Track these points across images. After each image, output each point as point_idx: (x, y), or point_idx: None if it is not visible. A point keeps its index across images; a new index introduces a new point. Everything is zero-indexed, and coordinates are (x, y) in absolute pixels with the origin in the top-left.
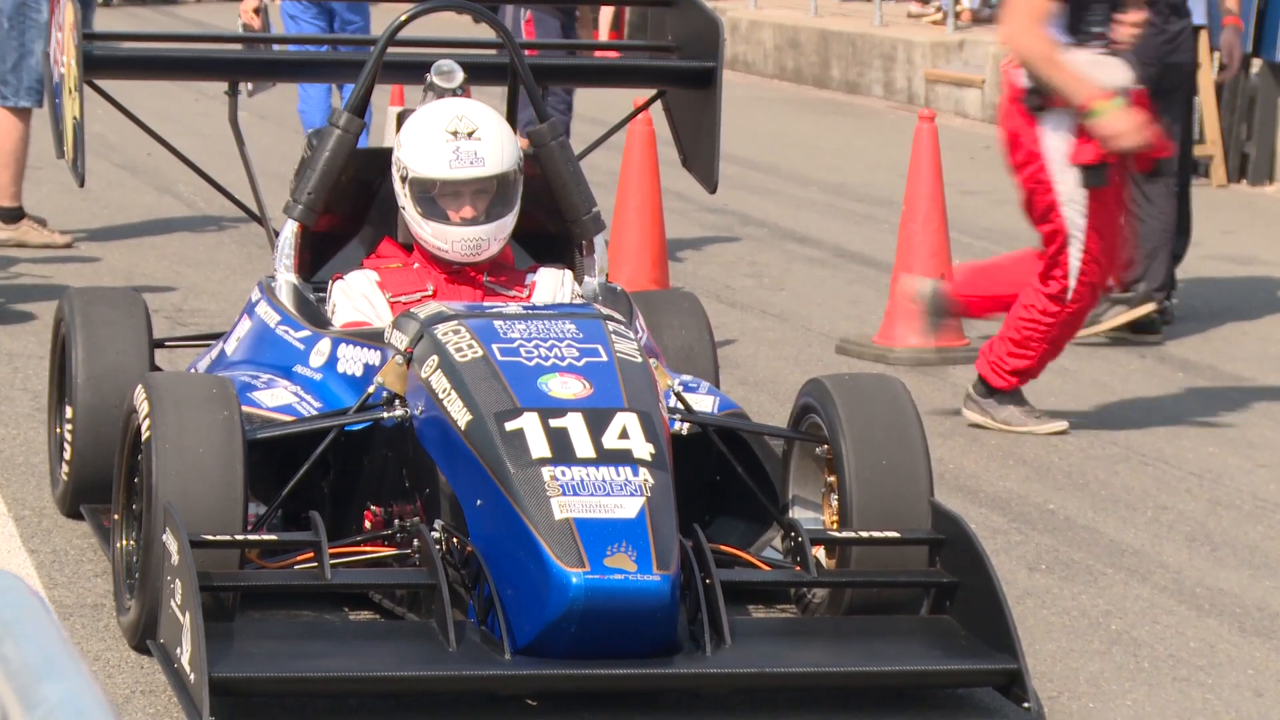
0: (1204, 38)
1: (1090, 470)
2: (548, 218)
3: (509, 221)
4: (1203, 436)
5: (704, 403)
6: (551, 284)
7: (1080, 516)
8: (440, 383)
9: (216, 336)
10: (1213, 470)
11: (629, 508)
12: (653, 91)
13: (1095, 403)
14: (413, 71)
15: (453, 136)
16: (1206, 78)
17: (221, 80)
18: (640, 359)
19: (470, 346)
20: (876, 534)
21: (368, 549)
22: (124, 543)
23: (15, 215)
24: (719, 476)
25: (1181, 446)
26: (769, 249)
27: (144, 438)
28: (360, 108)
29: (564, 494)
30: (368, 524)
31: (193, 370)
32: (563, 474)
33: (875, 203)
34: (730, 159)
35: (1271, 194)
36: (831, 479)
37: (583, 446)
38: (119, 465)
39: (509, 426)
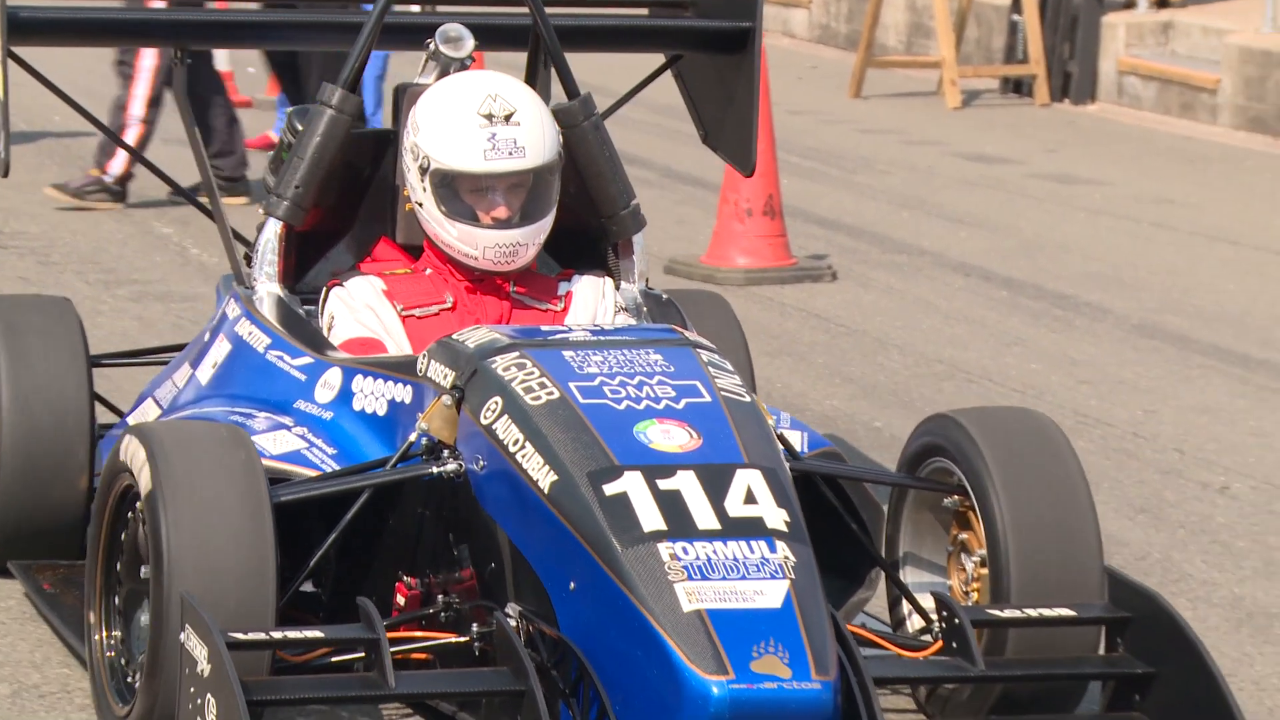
0: None
1: (916, 388)
2: (580, 211)
3: (547, 223)
4: (1026, 354)
5: (791, 439)
6: (591, 295)
7: (905, 434)
8: (510, 432)
9: (164, 351)
10: (1036, 387)
11: (772, 594)
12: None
13: (919, 321)
14: (412, 36)
15: (487, 120)
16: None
17: (169, 46)
18: (749, 397)
19: (543, 386)
20: (1047, 612)
21: (419, 634)
22: (104, 635)
23: None
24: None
25: (1005, 364)
26: None
27: (141, 507)
28: (356, 82)
29: (689, 578)
30: (400, 599)
31: (152, 399)
32: (684, 551)
33: None
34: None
35: (1093, 113)
36: (964, 536)
37: (703, 515)
38: (97, 540)
39: (609, 490)
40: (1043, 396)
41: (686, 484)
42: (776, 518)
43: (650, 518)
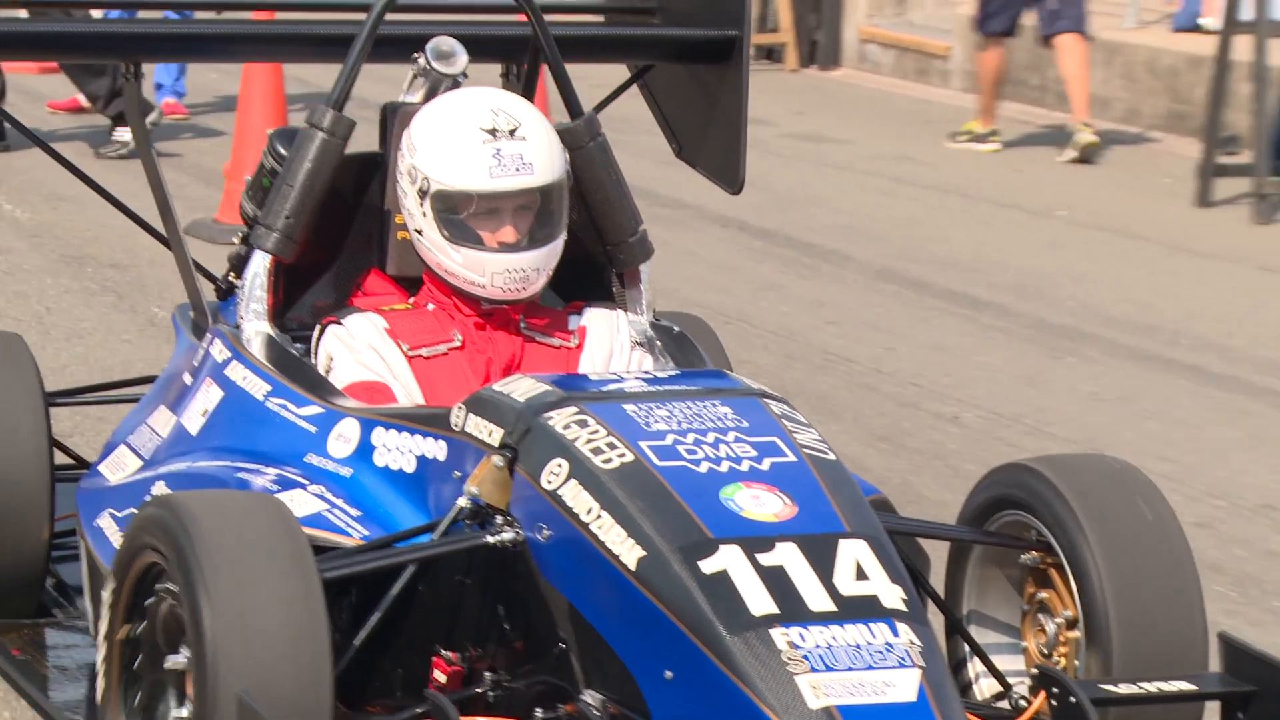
0: None
1: None
2: (582, 238)
3: (557, 248)
4: (779, 298)
5: None
6: (606, 329)
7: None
8: (580, 500)
9: (125, 385)
10: (787, 328)
11: (904, 686)
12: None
13: (685, 269)
14: (400, 50)
15: (491, 136)
16: None
17: (124, 60)
18: (832, 454)
19: (612, 446)
20: (1165, 687)
21: None
22: None
23: None
24: None
25: (760, 308)
26: None
27: (169, 588)
28: (344, 102)
29: (812, 669)
30: (440, 676)
31: (126, 446)
32: (802, 639)
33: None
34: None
35: (838, 78)
36: (1044, 595)
37: (814, 595)
38: (113, 630)
39: (706, 567)
40: (793, 337)
41: (790, 558)
42: (893, 595)
43: (758, 599)
